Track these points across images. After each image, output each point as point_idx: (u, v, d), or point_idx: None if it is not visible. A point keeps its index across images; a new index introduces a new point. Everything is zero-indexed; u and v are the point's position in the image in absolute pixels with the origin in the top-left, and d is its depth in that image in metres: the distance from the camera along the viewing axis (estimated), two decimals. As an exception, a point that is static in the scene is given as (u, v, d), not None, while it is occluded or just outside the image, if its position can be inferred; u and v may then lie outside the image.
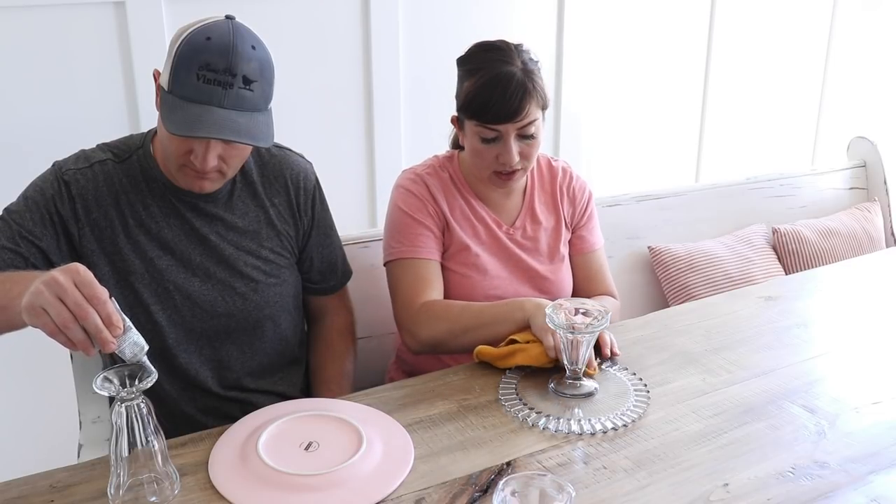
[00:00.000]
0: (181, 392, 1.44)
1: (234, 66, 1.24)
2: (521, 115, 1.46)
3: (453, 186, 1.62)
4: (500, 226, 1.63)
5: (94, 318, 1.00)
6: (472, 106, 1.48)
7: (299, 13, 2.15)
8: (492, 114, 1.46)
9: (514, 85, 1.45)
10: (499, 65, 1.47)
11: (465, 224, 1.60)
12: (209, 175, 1.33)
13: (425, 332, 1.51)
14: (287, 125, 2.13)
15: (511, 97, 1.45)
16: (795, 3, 3.02)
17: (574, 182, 1.70)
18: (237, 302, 1.43)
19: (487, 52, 1.51)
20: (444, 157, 1.67)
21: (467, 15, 2.39)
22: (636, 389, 1.37)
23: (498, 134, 1.48)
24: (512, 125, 1.47)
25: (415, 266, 1.55)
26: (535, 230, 1.65)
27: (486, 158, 1.52)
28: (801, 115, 3.20)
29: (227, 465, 1.16)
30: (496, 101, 1.45)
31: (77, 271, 1.02)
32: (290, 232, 1.49)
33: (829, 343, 1.56)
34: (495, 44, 1.52)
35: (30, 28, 1.87)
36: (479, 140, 1.51)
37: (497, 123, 1.47)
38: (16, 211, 1.34)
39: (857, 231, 2.46)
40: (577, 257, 1.71)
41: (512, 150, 1.49)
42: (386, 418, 1.29)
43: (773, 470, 1.16)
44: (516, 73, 1.47)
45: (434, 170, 1.63)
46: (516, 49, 1.51)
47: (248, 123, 1.27)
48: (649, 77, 2.79)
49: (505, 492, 0.98)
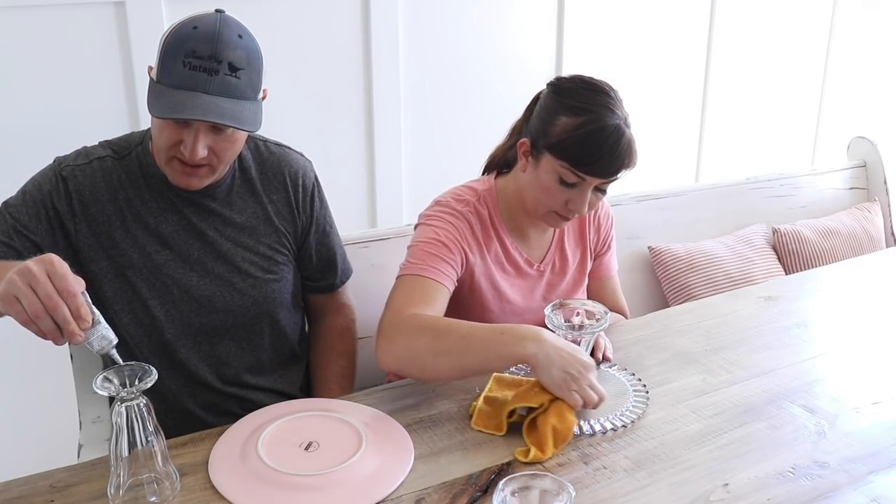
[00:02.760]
0: (181, 387, 1.44)
1: (220, 53, 1.24)
2: (619, 173, 1.39)
3: (490, 226, 1.51)
4: (531, 265, 1.56)
5: (63, 310, 1.01)
6: (572, 150, 1.37)
7: (299, 13, 2.15)
8: (593, 167, 1.37)
9: (623, 142, 1.36)
10: (608, 114, 1.37)
11: (497, 266, 1.53)
12: (198, 170, 1.32)
13: (403, 341, 1.30)
14: (287, 125, 2.13)
15: (619, 155, 1.36)
16: (795, 3, 3.02)
17: (600, 212, 1.64)
18: (235, 297, 1.43)
19: (596, 94, 1.40)
20: (482, 189, 1.53)
21: (467, 15, 2.40)
22: (635, 390, 1.37)
23: (581, 181, 1.39)
24: (602, 180, 1.40)
25: (424, 284, 1.40)
26: (564, 265, 1.61)
27: (556, 199, 1.42)
28: (801, 115, 3.20)
29: (227, 465, 1.16)
30: (603, 155, 1.36)
31: (51, 262, 1.03)
32: (289, 229, 1.50)
33: (829, 343, 1.56)
34: (602, 86, 1.42)
35: (30, 28, 1.87)
36: (558, 180, 1.40)
37: (592, 176, 1.38)
38: (13, 205, 1.34)
39: (857, 231, 2.46)
40: (593, 283, 1.69)
41: (587, 200, 1.41)
42: (386, 418, 1.29)
43: (773, 470, 1.16)
44: (625, 130, 1.37)
45: (475, 207, 1.50)
46: (619, 97, 1.42)
47: (234, 109, 1.26)
48: (649, 77, 2.79)
49: (505, 492, 0.98)
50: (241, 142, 1.37)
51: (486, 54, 2.45)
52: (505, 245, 1.53)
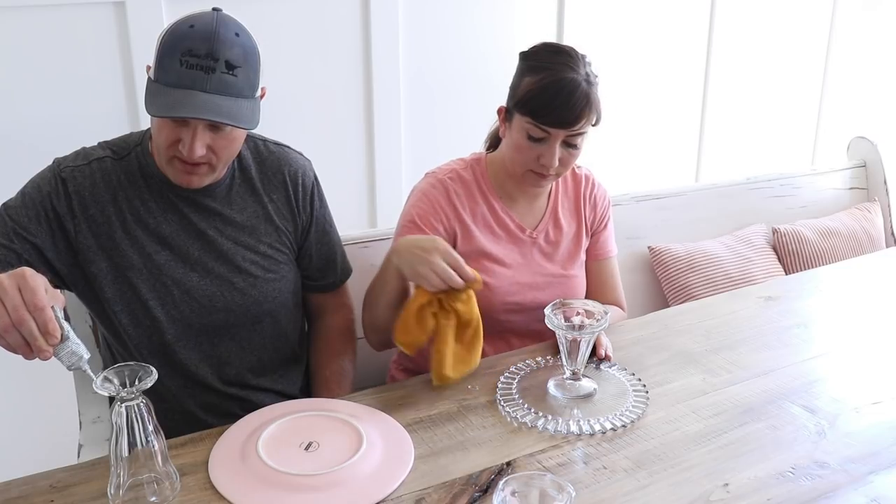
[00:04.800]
0: (181, 388, 1.44)
1: (217, 51, 1.24)
2: (578, 124, 1.46)
3: (477, 190, 1.60)
4: (522, 230, 1.62)
5: (30, 325, 1.01)
6: (531, 104, 1.47)
7: (299, 13, 2.15)
8: (550, 117, 1.46)
9: (578, 93, 1.45)
10: (565, 69, 1.46)
11: (485, 230, 1.59)
12: (198, 168, 1.32)
13: (364, 317, 1.53)
14: (288, 125, 2.13)
15: (573, 105, 1.44)
16: (795, 3, 3.02)
17: (596, 190, 1.71)
18: (236, 297, 1.43)
19: (556, 55, 1.50)
20: (470, 158, 1.65)
21: (467, 15, 2.40)
22: (635, 390, 1.37)
23: (547, 135, 1.47)
24: (564, 131, 1.47)
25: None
26: (557, 235, 1.65)
27: (527, 156, 1.51)
28: (801, 115, 3.20)
29: (227, 465, 1.16)
30: (558, 106, 1.45)
31: (23, 276, 1.03)
32: (289, 228, 1.50)
33: (829, 343, 1.56)
34: (564, 48, 1.52)
35: (30, 28, 1.87)
36: (526, 137, 1.49)
37: (551, 126, 1.46)
38: (12, 207, 1.34)
39: (857, 231, 2.46)
40: (591, 263, 1.71)
41: (555, 154, 1.48)
42: (386, 418, 1.29)
43: (773, 470, 1.16)
44: (581, 82, 1.46)
45: (457, 173, 1.61)
46: (582, 59, 1.51)
47: (232, 107, 1.26)
48: (649, 77, 2.79)
49: (505, 492, 0.98)
50: (241, 140, 1.37)
51: (486, 54, 2.44)
52: (493, 208, 1.60)
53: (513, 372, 1.43)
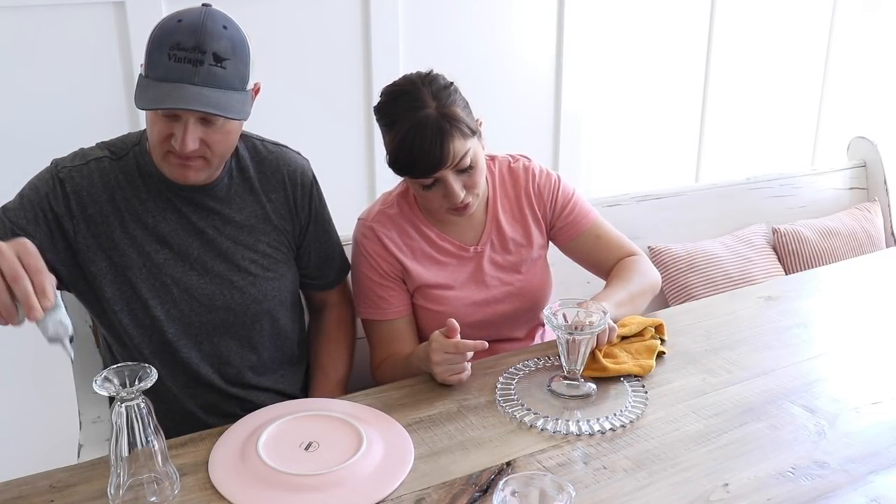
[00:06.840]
0: (182, 388, 1.44)
1: (204, 44, 1.25)
2: (448, 159, 1.41)
3: (409, 224, 1.56)
4: (465, 249, 1.58)
5: (26, 283, 1.01)
6: (397, 164, 1.43)
7: (299, 13, 2.15)
8: (419, 168, 1.42)
9: (429, 133, 1.39)
10: (410, 113, 1.40)
11: (427, 261, 1.56)
12: (192, 162, 1.32)
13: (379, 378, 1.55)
14: (287, 124, 2.13)
15: (432, 149, 1.39)
16: (795, 3, 3.02)
17: (537, 179, 1.63)
18: (235, 296, 1.43)
19: (397, 101, 1.44)
20: (397, 193, 1.59)
21: (467, 15, 2.40)
22: (634, 390, 1.37)
23: (434, 180, 1.44)
24: (443, 170, 1.42)
25: (381, 327, 1.56)
26: (503, 242, 1.60)
27: (433, 202, 1.49)
28: (801, 115, 3.20)
29: (227, 465, 1.17)
30: (419, 157, 1.40)
31: (24, 243, 1.04)
32: (288, 227, 1.50)
33: (829, 343, 1.56)
34: (403, 87, 1.45)
35: (30, 28, 1.87)
36: (420, 188, 1.47)
37: (426, 175, 1.42)
38: (11, 209, 1.34)
39: (857, 231, 2.46)
40: (570, 243, 1.65)
41: (454, 189, 1.44)
42: (386, 418, 1.29)
43: (773, 470, 1.16)
44: (430, 118, 1.39)
45: (384, 214, 1.56)
46: (424, 84, 1.44)
47: (221, 98, 1.26)
48: (649, 77, 2.79)
49: (505, 492, 0.98)
50: (235, 135, 1.37)
51: (486, 55, 2.45)
52: (429, 238, 1.57)
53: (512, 372, 1.43)
